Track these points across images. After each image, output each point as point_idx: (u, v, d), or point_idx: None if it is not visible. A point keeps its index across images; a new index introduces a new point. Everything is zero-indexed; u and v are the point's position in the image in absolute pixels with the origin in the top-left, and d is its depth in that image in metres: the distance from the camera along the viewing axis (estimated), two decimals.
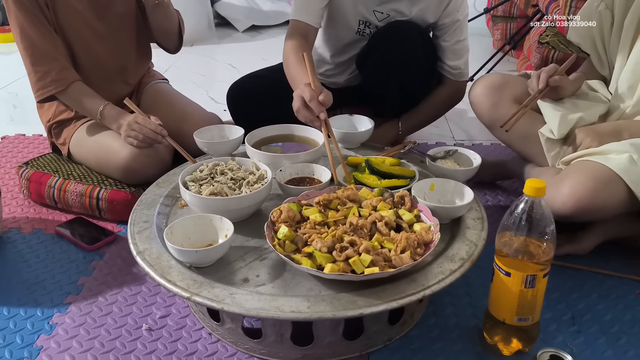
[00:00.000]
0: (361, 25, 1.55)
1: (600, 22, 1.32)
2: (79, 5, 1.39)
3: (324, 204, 1.05)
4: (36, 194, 1.46)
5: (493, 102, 1.35)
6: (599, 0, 1.32)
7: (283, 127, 1.39)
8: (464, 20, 1.55)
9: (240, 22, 3.53)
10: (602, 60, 1.34)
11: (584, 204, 1.10)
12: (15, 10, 1.33)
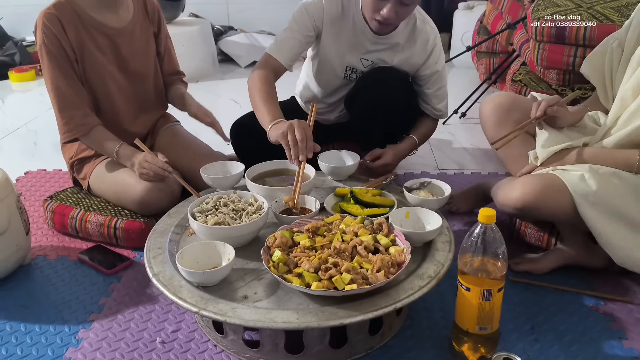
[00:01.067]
0: (348, 71, 1.74)
1: (611, 58, 1.42)
2: (104, 60, 1.58)
3: (312, 231, 1.22)
4: (60, 224, 1.63)
5: (498, 121, 1.46)
6: (614, 39, 1.44)
7: (279, 163, 1.56)
8: (443, 70, 1.73)
9: (243, 58, 3.75)
10: (607, 94, 1.44)
11: (530, 200, 1.26)
12: (48, 62, 1.52)
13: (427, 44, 1.68)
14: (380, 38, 1.65)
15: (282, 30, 1.67)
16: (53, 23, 1.49)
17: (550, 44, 1.89)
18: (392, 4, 1.47)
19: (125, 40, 1.61)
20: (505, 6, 2.83)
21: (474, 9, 3.56)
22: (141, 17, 1.66)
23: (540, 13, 1.91)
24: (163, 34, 1.74)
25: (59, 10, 1.51)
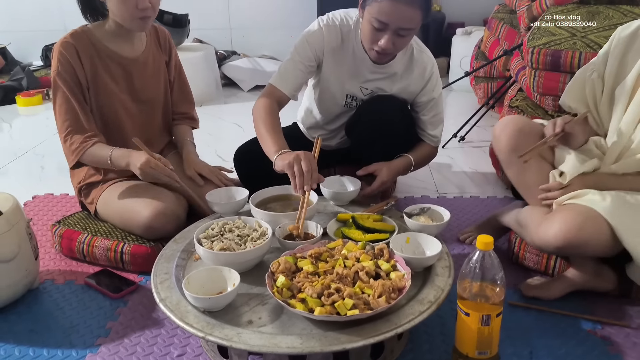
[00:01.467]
0: (348, 99, 1.79)
1: (592, 89, 1.48)
2: (117, 89, 1.64)
3: (315, 257, 1.25)
4: (67, 249, 1.67)
5: (516, 146, 1.45)
6: (590, 70, 1.50)
7: (282, 188, 1.60)
8: (439, 97, 1.78)
9: (245, 83, 3.81)
10: (597, 122, 1.49)
11: (571, 237, 1.26)
12: (61, 89, 1.56)
13: (424, 72, 1.73)
14: (379, 67, 1.71)
15: (284, 60, 1.72)
16: (69, 51, 1.55)
17: (546, 71, 1.94)
18: (390, 35, 1.52)
19: (138, 69, 1.67)
20: (502, 33, 2.90)
21: (471, 34, 3.64)
22: (154, 46, 1.72)
23: (536, 42, 1.96)
24: (173, 61, 1.80)
25: (76, 39, 1.57)
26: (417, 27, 1.54)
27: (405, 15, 1.48)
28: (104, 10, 1.58)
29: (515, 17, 2.78)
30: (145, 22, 1.54)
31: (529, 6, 2.38)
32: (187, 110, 1.87)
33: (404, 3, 1.46)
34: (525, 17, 2.37)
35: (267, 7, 4.26)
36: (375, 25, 1.51)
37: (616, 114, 1.43)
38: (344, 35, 1.70)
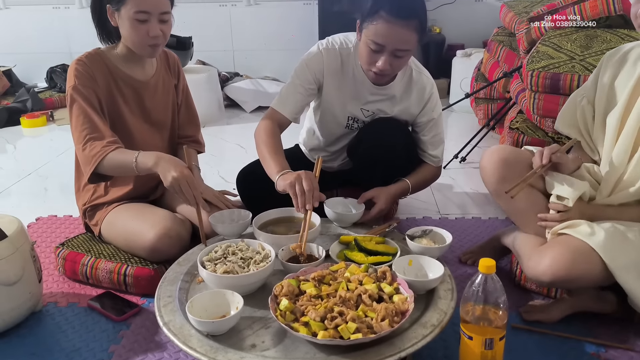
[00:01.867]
0: (350, 121, 1.81)
1: (583, 115, 1.49)
2: (128, 110, 1.67)
3: (318, 279, 1.26)
4: (71, 271, 1.67)
5: (502, 176, 1.42)
6: (581, 96, 1.51)
7: (285, 210, 1.61)
8: (439, 117, 1.80)
9: (248, 104, 3.85)
10: (591, 147, 1.50)
11: (561, 274, 1.26)
12: (78, 100, 1.55)
13: (423, 93, 1.75)
14: (379, 89, 1.73)
15: (285, 84, 1.76)
16: (86, 69, 1.58)
17: (546, 94, 1.96)
18: (387, 56, 1.55)
19: (149, 92, 1.70)
20: (501, 55, 2.93)
21: (471, 56, 3.68)
22: (163, 70, 1.76)
23: (535, 65, 1.99)
24: (182, 85, 1.83)
25: (90, 60, 1.60)
26: (414, 49, 1.57)
27: (400, 37, 1.51)
28: (117, 34, 1.61)
29: (514, 39, 2.81)
30: (155, 49, 1.58)
31: (528, 29, 2.41)
32: (193, 134, 1.89)
33: (399, 25, 1.49)
34: (525, 40, 2.41)
35: (269, 29, 4.32)
36: (372, 47, 1.54)
37: (607, 143, 1.43)
38: (344, 58, 1.73)
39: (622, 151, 1.37)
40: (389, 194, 1.74)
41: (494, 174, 1.44)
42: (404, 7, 1.49)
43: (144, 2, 1.50)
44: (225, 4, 4.28)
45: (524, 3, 3.01)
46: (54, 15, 4.34)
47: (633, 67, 1.39)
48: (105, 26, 1.63)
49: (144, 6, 1.50)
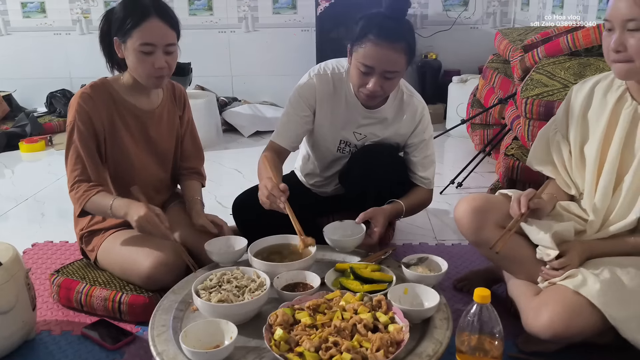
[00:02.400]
0: (342, 144, 1.84)
1: (559, 149, 1.47)
2: (131, 140, 1.68)
3: (313, 308, 1.25)
4: (65, 298, 1.66)
5: (478, 226, 1.40)
6: (553, 130, 1.49)
7: (281, 238, 1.61)
8: (430, 139, 1.82)
9: (246, 128, 3.87)
10: (567, 182, 1.46)
11: (561, 331, 1.22)
12: (76, 139, 1.59)
13: (415, 114, 1.78)
14: (371, 112, 1.76)
15: (281, 115, 1.81)
16: (87, 103, 1.59)
17: (540, 121, 1.98)
18: (376, 78, 1.58)
19: (154, 122, 1.72)
20: (496, 82, 2.97)
21: (467, 82, 3.72)
22: (169, 101, 1.77)
23: (529, 92, 2.02)
24: (186, 116, 1.84)
25: (94, 91, 1.62)
26: (403, 70, 1.61)
27: (389, 59, 1.55)
28: (125, 64, 1.62)
29: (509, 66, 2.85)
30: (160, 80, 1.60)
31: (522, 57, 2.45)
32: (196, 166, 1.88)
33: (387, 47, 1.54)
34: (519, 68, 2.44)
35: (268, 55, 4.37)
36: (362, 69, 1.58)
37: (588, 176, 1.40)
38: (336, 83, 1.77)
39: (606, 183, 1.35)
40: (385, 215, 1.72)
41: (470, 225, 1.41)
42: (391, 30, 1.54)
43: (149, 35, 1.52)
44: (224, 31, 4.35)
45: (518, 31, 3.06)
46: (54, 41, 4.40)
47: (604, 98, 1.38)
48: (113, 57, 1.64)
49: (150, 39, 1.52)
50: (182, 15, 4.19)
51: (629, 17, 1.17)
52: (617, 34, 1.21)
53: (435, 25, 4.23)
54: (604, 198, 1.36)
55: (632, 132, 1.32)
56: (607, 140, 1.36)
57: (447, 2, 4.19)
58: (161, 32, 1.54)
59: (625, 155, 1.33)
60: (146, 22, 1.52)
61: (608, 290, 1.20)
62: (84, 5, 4.31)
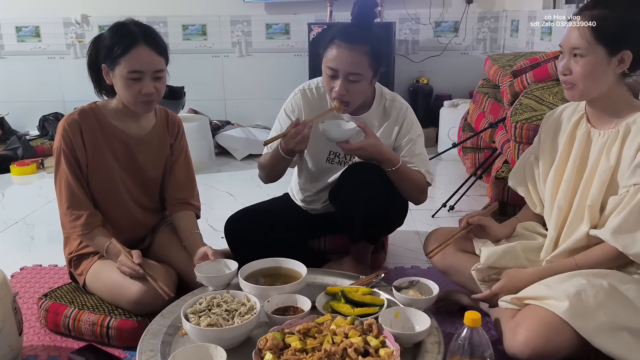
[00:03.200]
0: (331, 155, 1.86)
1: (531, 171, 1.58)
2: (117, 166, 1.68)
3: (303, 332, 1.24)
4: (53, 323, 1.64)
5: (442, 253, 1.59)
6: (529, 153, 1.61)
7: (272, 261, 1.61)
8: (417, 138, 1.81)
9: (239, 152, 3.88)
10: (534, 201, 1.57)
11: (539, 350, 1.24)
12: (63, 164, 1.61)
13: (398, 115, 1.82)
14: (356, 119, 1.78)
15: (272, 131, 1.86)
16: (72, 129, 1.60)
17: (529, 144, 1.99)
18: (342, 81, 1.65)
19: (142, 148, 1.71)
20: (487, 106, 3.00)
21: (458, 106, 3.77)
22: (161, 128, 1.76)
23: (519, 117, 2.04)
24: (179, 145, 1.81)
25: (82, 117, 1.63)
26: (367, 73, 1.66)
27: (350, 60, 1.62)
28: (113, 90, 1.63)
29: (498, 91, 2.89)
30: (148, 105, 1.60)
31: (511, 82, 2.49)
32: (187, 197, 1.82)
33: (347, 48, 1.62)
34: (508, 93, 2.48)
35: (261, 78, 4.41)
36: (328, 72, 1.66)
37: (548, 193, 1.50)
38: (321, 97, 1.83)
39: (561, 202, 1.44)
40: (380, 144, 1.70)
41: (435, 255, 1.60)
42: (354, 33, 1.64)
43: (137, 63, 1.53)
44: (218, 55, 4.39)
45: (507, 57, 3.12)
46: (48, 65, 4.42)
47: (567, 124, 1.49)
48: (101, 83, 1.65)
49: (138, 66, 1.53)
50: (176, 40, 4.28)
51: (574, 46, 1.32)
52: (565, 59, 1.36)
53: (427, 51, 4.29)
54: (560, 215, 1.44)
55: (585, 152, 1.43)
56: (564, 160, 1.47)
57: (438, 28, 4.26)
58: (149, 59, 1.54)
59: (579, 175, 1.43)
60: (134, 50, 1.52)
61: (576, 305, 1.24)
62: (78, 30, 4.35)
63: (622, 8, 1.29)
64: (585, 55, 1.31)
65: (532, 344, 1.24)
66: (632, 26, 1.28)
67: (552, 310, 1.25)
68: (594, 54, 1.30)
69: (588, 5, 1.33)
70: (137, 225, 1.76)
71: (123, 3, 4.16)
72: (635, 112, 1.34)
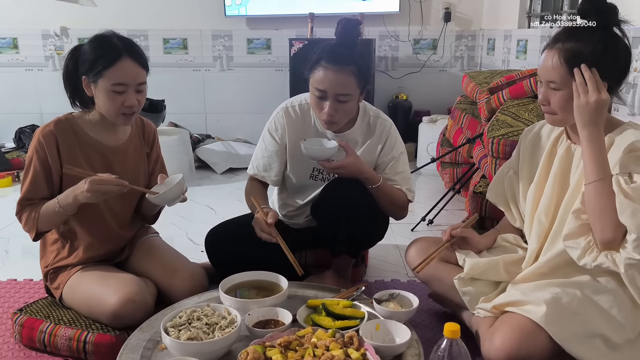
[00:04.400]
0: (315, 172, 1.87)
1: (510, 184, 1.61)
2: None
3: (284, 345, 1.24)
4: (27, 338, 1.60)
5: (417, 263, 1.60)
6: (508, 168, 1.63)
7: (253, 274, 1.61)
8: (400, 156, 1.84)
9: (219, 165, 3.87)
10: (514, 215, 1.60)
11: (513, 354, 1.26)
12: (30, 173, 1.60)
13: (382, 132, 1.84)
14: (340, 137, 1.80)
15: (256, 151, 1.89)
16: (47, 140, 1.58)
17: (506, 159, 2.04)
18: (331, 102, 1.66)
19: (119, 158, 1.70)
20: (464, 122, 3.06)
21: (436, 122, 3.83)
22: (137, 137, 1.75)
23: (495, 133, 2.09)
24: (154, 154, 1.82)
25: (57, 127, 1.61)
26: (355, 93, 1.69)
27: (339, 82, 1.64)
28: (92, 101, 1.62)
29: (476, 107, 2.95)
30: (129, 118, 1.60)
31: (488, 99, 2.54)
32: None
33: (335, 70, 1.63)
34: (485, 109, 2.53)
35: (242, 93, 4.43)
36: (316, 94, 1.68)
37: (528, 208, 1.53)
38: (304, 114, 1.84)
39: (542, 216, 1.47)
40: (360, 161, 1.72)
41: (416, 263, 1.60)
42: (340, 55, 1.65)
43: (122, 76, 1.53)
44: (199, 69, 4.40)
45: (484, 74, 3.19)
46: (26, 77, 4.36)
47: (547, 140, 1.52)
48: (78, 94, 1.64)
49: (122, 79, 1.53)
50: (156, 53, 4.28)
51: (550, 80, 1.34)
52: (543, 89, 1.38)
53: (406, 67, 4.36)
54: (540, 228, 1.47)
55: (566, 168, 1.44)
56: (544, 175, 1.50)
57: (417, 46, 4.34)
58: (133, 71, 1.55)
59: (560, 189, 1.45)
60: (118, 63, 1.53)
61: (552, 311, 1.27)
62: (57, 42, 4.31)
63: (594, 41, 1.29)
64: (561, 89, 1.32)
65: (508, 348, 1.27)
66: (605, 58, 1.29)
67: (529, 316, 1.29)
68: (569, 88, 1.31)
69: (560, 37, 1.33)
70: (115, 237, 1.74)
71: (104, 16, 4.15)
72: (615, 128, 1.36)
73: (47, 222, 1.59)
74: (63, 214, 1.56)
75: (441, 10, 4.25)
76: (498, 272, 1.50)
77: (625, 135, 1.31)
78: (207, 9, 4.25)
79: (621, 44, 1.32)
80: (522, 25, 3.60)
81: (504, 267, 1.51)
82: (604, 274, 1.36)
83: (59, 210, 1.55)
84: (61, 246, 1.71)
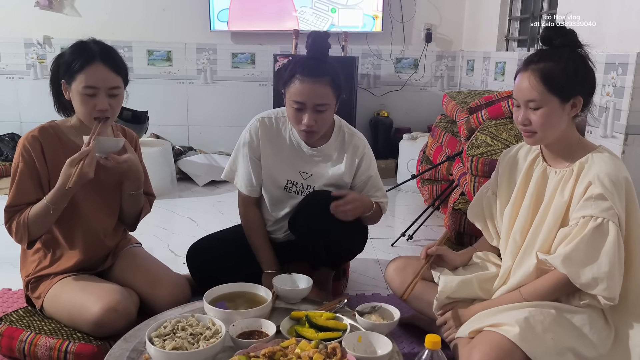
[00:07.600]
0: (289, 184, 1.89)
1: (489, 205, 1.66)
2: None
3: (269, 356, 1.26)
4: (7, 348, 1.59)
5: (401, 281, 1.66)
6: (487, 188, 1.69)
7: (236, 286, 1.63)
8: (376, 175, 1.92)
9: (201, 178, 3.88)
10: (491, 234, 1.65)
11: None
12: (17, 179, 1.60)
13: (356, 151, 1.88)
14: (315, 151, 1.85)
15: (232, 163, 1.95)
16: (33, 146, 1.60)
17: (484, 178, 2.11)
18: (310, 113, 1.71)
19: (102, 164, 1.70)
20: (444, 140, 3.13)
21: (417, 139, 3.90)
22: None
23: (474, 151, 2.15)
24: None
25: (42, 134, 1.62)
26: (332, 103, 1.75)
27: (316, 92, 1.69)
28: (71, 107, 1.64)
29: (455, 126, 3.03)
30: (104, 123, 1.61)
31: (468, 119, 2.62)
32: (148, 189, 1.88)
33: (311, 82, 1.69)
34: (465, 128, 2.60)
35: (225, 106, 4.45)
36: (294, 106, 1.72)
37: (505, 226, 1.59)
38: (280, 126, 1.88)
39: (517, 236, 1.52)
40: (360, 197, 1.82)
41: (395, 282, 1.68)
42: (314, 67, 1.71)
43: (92, 78, 1.56)
44: (182, 82, 4.41)
45: (464, 94, 3.27)
46: (6, 85, 4.31)
47: (523, 162, 1.58)
48: (60, 99, 1.67)
49: (92, 82, 1.56)
50: (140, 65, 4.28)
51: (529, 99, 1.40)
52: (522, 111, 1.43)
53: (388, 85, 4.45)
54: (514, 247, 1.53)
55: (541, 189, 1.50)
56: (520, 196, 1.55)
57: (398, 64, 4.43)
58: (103, 76, 1.58)
59: (535, 209, 1.50)
60: (90, 67, 1.56)
61: (526, 329, 1.31)
62: (40, 51, 4.29)
63: (565, 59, 1.38)
64: (541, 107, 1.39)
65: None
66: (577, 74, 1.39)
67: (504, 334, 1.32)
68: (548, 105, 1.39)
69: (533, 59, 1.42)
70: (99, 244, 1.74)
71: (88, 26, 4.14)
72: (588, 152, 1.44)
73: (38, 224, 1.59)
74: (54, 210, 1.56)
75: (423, 30, 4.35)
76: (472, 289, 1.54)
77: (591, 167, 1.40)
78: (192, 22, 4.28)
79: (587, 62, 1.42)
80: (500, 48, 3.72)
81: (478, 285, 1.54)
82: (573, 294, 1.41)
83: (48, 206, 1.54)
84: (43, 255, 1.70)
